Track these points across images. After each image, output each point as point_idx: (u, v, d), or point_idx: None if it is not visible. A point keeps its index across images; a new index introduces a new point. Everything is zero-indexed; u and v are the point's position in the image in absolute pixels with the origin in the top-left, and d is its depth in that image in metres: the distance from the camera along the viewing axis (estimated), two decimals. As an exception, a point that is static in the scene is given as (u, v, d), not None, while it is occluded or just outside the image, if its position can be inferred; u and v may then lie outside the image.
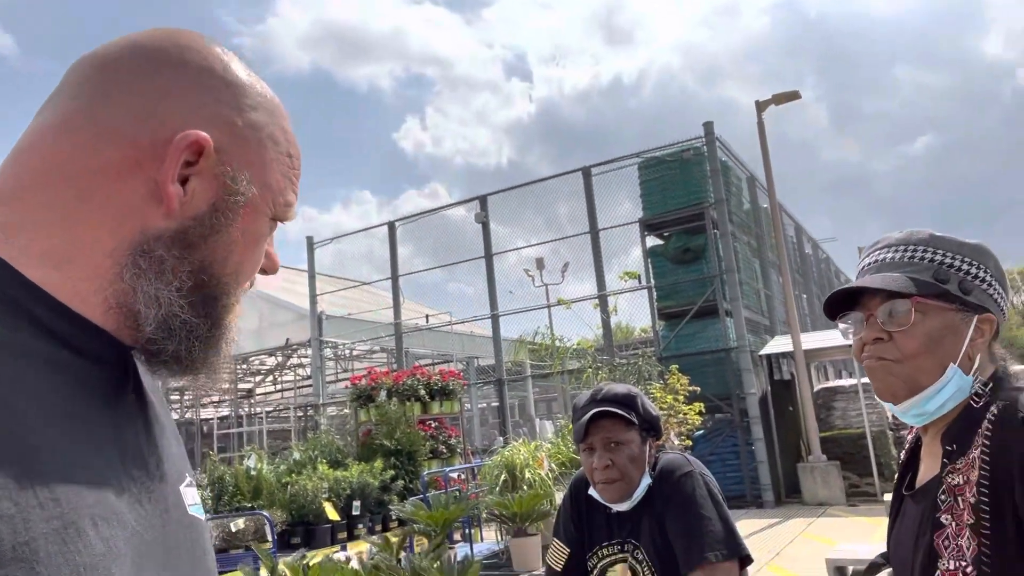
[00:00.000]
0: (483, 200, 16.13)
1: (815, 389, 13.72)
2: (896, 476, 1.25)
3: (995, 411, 1.02)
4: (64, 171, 0.59)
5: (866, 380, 10.02)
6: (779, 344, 13.62)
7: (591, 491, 1.81)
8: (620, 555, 1.77)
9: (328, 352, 19.42)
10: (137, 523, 0.57)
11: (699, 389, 9.81)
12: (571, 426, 7.98)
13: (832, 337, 15.04)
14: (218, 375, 0.67)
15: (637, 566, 1.73)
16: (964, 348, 1.07)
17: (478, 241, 16.44)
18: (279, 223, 0.70)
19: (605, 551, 1.80)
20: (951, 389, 1.07)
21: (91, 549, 0.50)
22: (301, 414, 21.85)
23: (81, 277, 0.59)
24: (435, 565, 5.50)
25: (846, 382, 14.76)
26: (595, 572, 1.81)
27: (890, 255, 1.15)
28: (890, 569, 1.22)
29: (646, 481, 1.74)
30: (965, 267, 1.10)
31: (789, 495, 12.47)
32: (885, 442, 12.92)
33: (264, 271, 0.71)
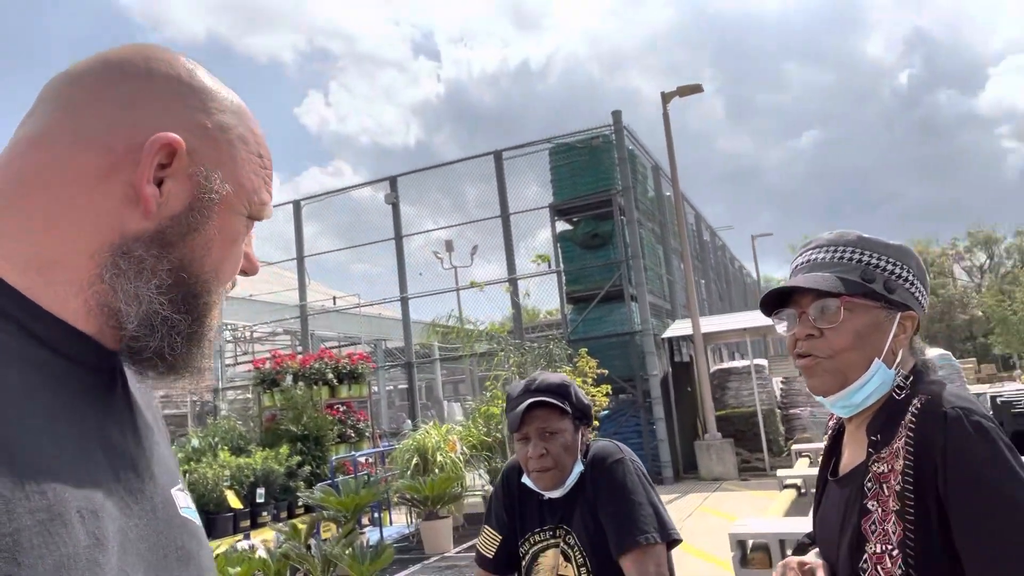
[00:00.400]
0: (393, 181, 15.89)
1: (711, 370, 14.41)
2: (820, 461, 1.33)
3: (918, 404, 1.09)
4: (42, 180, 0.62)
5: (758, 361, 10.63)
6: (680, 328, 14.20)
7: (524, 479, 1.85)
8: (552, 540, 1.82)
9: (227, 335, 18.67)
10: (124, 520, 0.58)
11: (607, 372, 10.10)
12: (481, 408, 8.04)
13: (727, 321, 15.84)
14: (202, 376, 0.69)
15: (569, 551, 1.78)
16: (888, 344, 1.14)
17: (385, 222, 16.20)
18: (255, 222, 0.72)
19: (537, 537, 1.84)
20: (876, 382, 1.14)
21: (76, 541, 0.51)
22: (197, 399, 20.94)
23: (63, 281, 0.61)
24: (347, 551, 5.45)
25: (739, 363, 15.58)
26: (527, 558, 1.86)
27: (821, 255, 1.21)
28: (816, 549, 1.31)
29: (578, 468, 1.79)
30: (890, 267, 1.17)
31: (687, 471, 13.09)
32: (774, 420, 13.76)
33: (244, 272, 0.73)
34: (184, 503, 0.69)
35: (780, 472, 6.72)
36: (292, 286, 17.49)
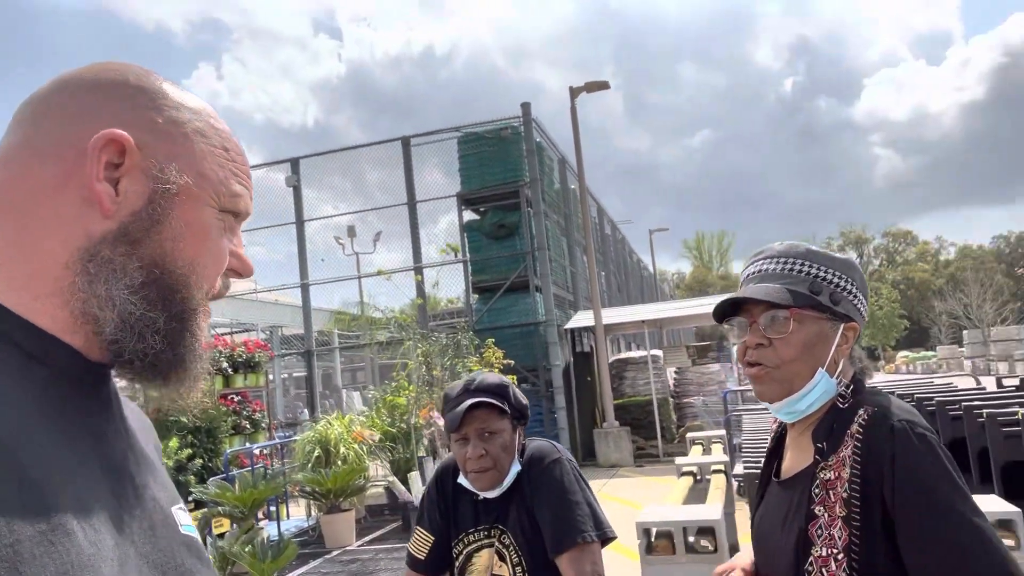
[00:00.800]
0: (295, 163, 15.33)
1: (610, 360, 14.84)
2: (763, 462, 1.38)
3: (865, 416, 1.14)
4: (8, 198, 0.64)
5: (656, 352, 10.99)
6: (582, 319, 14.53)
7: (460, 479, 1.83)
8: (487, 540, 1.81)
9: (108, 319, 17.48)
10: (123, 536, 0.59)
11: (512, 362, 10.20)
12: (386, 398, 7.90)
13: (627, 313, 16.35)
14: (194, 380, 0.68)
15: (504, 551, 1.78)
16: (832, 353, 1.20)
17: (282, 204, 15.61)
18: (237, 218, 0.72)
19: (471, 537, 1.83)
20: (819, 391, 1.19)
21: (80, 550, 0.53)
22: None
23: (47, 294, 0.62)
24: (247, 549, 5.25)
25: (636, 354, 16.14)
26: (460, 558, 1.84)
27: (771, 266, 1.26)
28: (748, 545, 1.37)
29: (515, 468, 1.79)
30: (835, 280, 1.22)
31: (585, 458, 13.44)
32: (668, 408, 14.35)
33: (237, 273, 0.73)
34: (185, 521, 0.69)
35: (678, 460, 7.00)
36: (182, 269, 16.56)
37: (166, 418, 10.06)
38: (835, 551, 1.09)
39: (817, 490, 1.14)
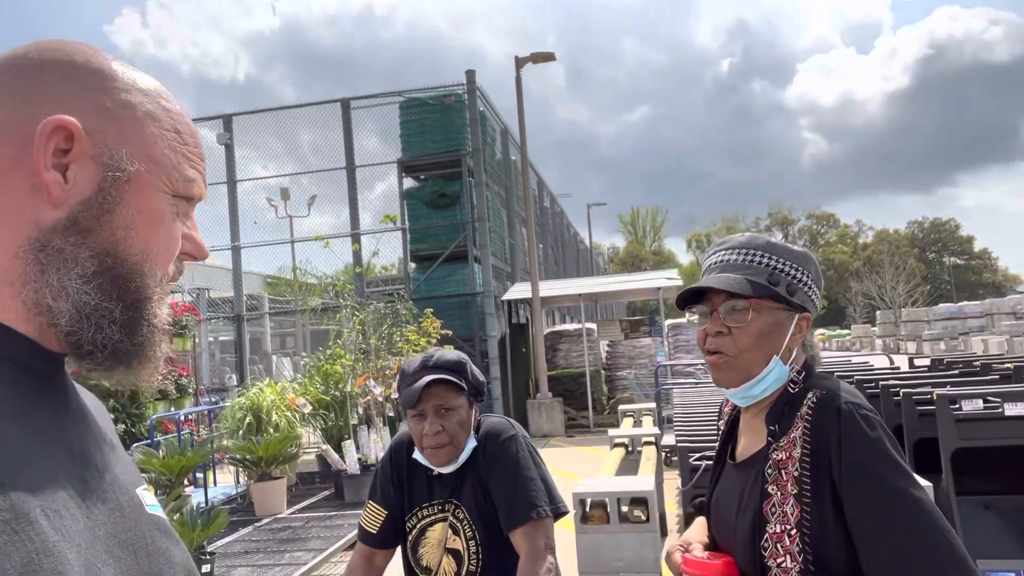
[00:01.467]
0: (228, 120, 14.71)
1: (545, 332, 15.02)
2: (718, 445, 1.44)
3: (814, 399, 1.20)
4: None
5: (590, 325, 11.18)
6: (519, 291, 14.61)
7: (415, 454, 1.83)
8: (441, 515, 1.82)
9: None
10: (90, 519, 0.59)
11: (450, 332, 10.18)
12: (322, 367, 7.76)
13: (564, 286, 16.53)
14: (154, 365, 0.68)
15: (458, 525, 1.80)
16: (786, 342, 1.26)
17: (210, 162, 14.96)
18: (190, 202, 0.71)
19: (426, 511, 1.84)
20: (773, 377, 1.25)
21: (44, 537, 0.52)
22: None
23: None
24: (176, 516, 5.12)
25: (571, 326, 16.37)
26: (414, 532, 1.85)
27: (732, 256, 1.31)
28: (702, 519, 1.42)
29: (471, 444, 1.80)
30: (792, 271, 1.27)
31: (518, 429, 13.63)
32: (599, 380, 14.66)
33: (192, 256, 0.72)
34: (150, 501, 0.69)
35: (611, 432, 7.19)
36: (103, 226, 15.78)
37: (86, 381, 9.68)
38: (788, 527, 1.15)
39: (770, 470, 1.20)
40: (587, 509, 4.34)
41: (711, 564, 1.25)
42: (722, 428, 1.44)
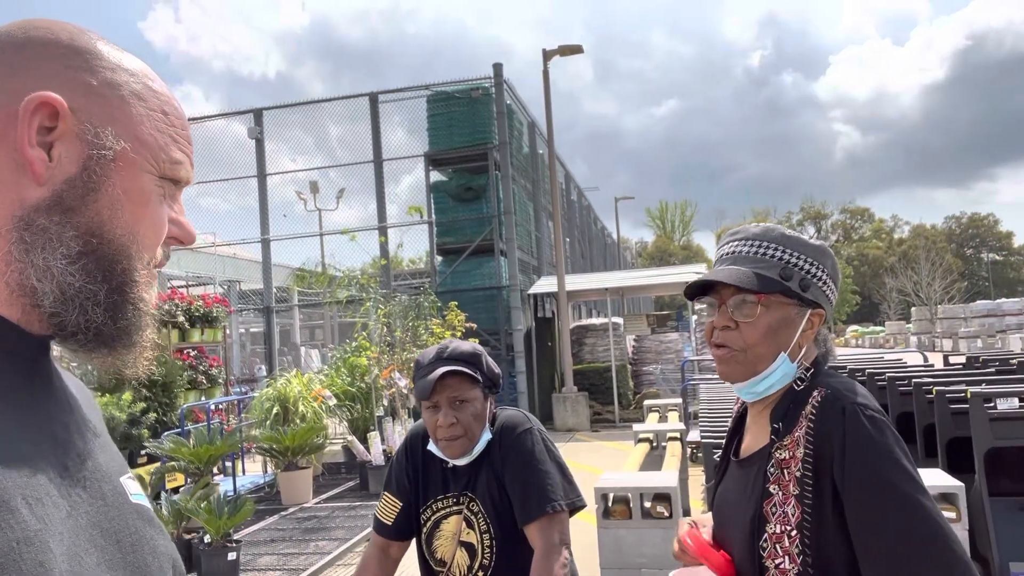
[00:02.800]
0: (259, 114, 14.87)
1: (571, 326, 14.97)
2: (724, 441, 1.41)
3: (819, 398, 1.16)
4: None
5: (616, 319, 11.11)
6: (545, 284, 14.58)
7: (430, 446, 1.82)
8: (455, 508, 1.81)
9: (58, 267, 16.93)
10: (72, 507, 0.58)
11: (475, 325, 10.20)
12: (347, 359, 7.83)
13: (590, 280, 16.44)
14: (141, 349, 0.67)
15: (472, 518, 1.78)
16: (796, 338, 1.21)
17: (238, 155, 15.18)
18: (177, 185, 0.70)
19: (440, 504, 1.83)
20: (778, 374, 1.21)
21: (25, 526, 0.51)
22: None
23: None
24: (203, 505, 5.20)
25: (597, 321, 16.29)
26: (428, 524, 1.84)
27: (745, 248, 1.26)
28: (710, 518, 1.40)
29: (486, 436, 1.78)
30: (806, 266, 1.22)
31: (543, 423, 13.52)
32: (625, 375, 14.58)
33: (179, 241, 0.71)
34: (135, 490, 0.69)
35: (635, 427, 7.14)
36: (137, 219, 16.05)
37: (120, 371, 9.86)
38: (788, 528, 1.12)
39: (772, 469, 1.17)
40: (609, 504, 4.31)
41: (713, 551, 1.23)
42: (730, 424, 1.41)
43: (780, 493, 1.14)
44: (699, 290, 1.28)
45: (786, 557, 1.12)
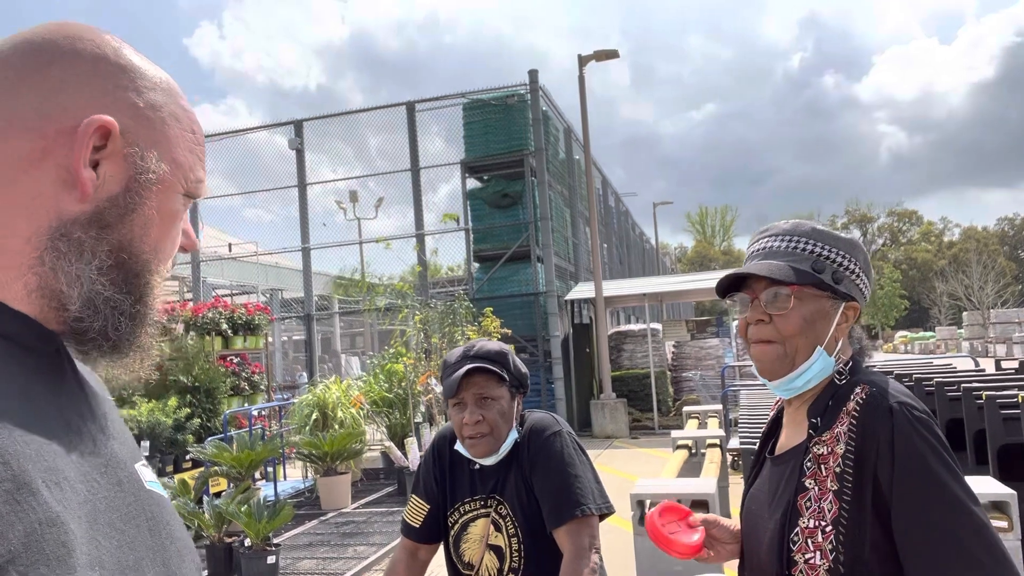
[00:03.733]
0: (299, 125, 15.15)
1: (609, 332, 14.86)
2: (760, 439, 1.38)
3: (863, 395, 1.14)
4: None
5: (654, 325, 11.01)
6: (582, 290, 14.51)
7: (457, 446, 1.81)
8: (483, 510, 1.80)
9: (109, 277, 17.45)
10: (90, 492, 0.59)
11: (510, 332, 10.19)
12: (385, 366, 7.90)
13: (628, 286, 16.32)
14: (147, 355, 0.69)
15: (500, 521, 1.77)
16: (831, 332, 1.20)
17: (281, 166, 15.48)
18: (192, 200, 0.73)
19: (468, 506, 1.82)
20: (817, 368, 1.19)
21: (47, 508, 0.52)
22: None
23: (3, 266, 0.62)
24: (243, 508, 5.28)
25: (636, 327, 16.15)
26: (456, 527, 1.83)
27: (776, 243, 1.25)
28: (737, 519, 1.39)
29: (513, 437, 1.77)
30: (839, 259, 1.21)
31: (581, 429, 13.52)
32: (665, 382, 14.41)
33: (184, 249, 0.74)
34: (150, 477, 0.70)
35: (674, 433, 7.04)
36: (182, 229, 16.47)
37: (165, 377, 10.12)
38: (823, 523, 1.10)
39: (809, 464, 1.16)
40: (645, 511, 4.25)
41: (662, 535, 1.29)
42: (766, 425, 1.38)
43: (816, 488, 1.13)
44: (731, 286, 1.26)
45: (817, 552, 1.10)
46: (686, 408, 9.07)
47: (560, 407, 12.94)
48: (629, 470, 9.07)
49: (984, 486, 3.36)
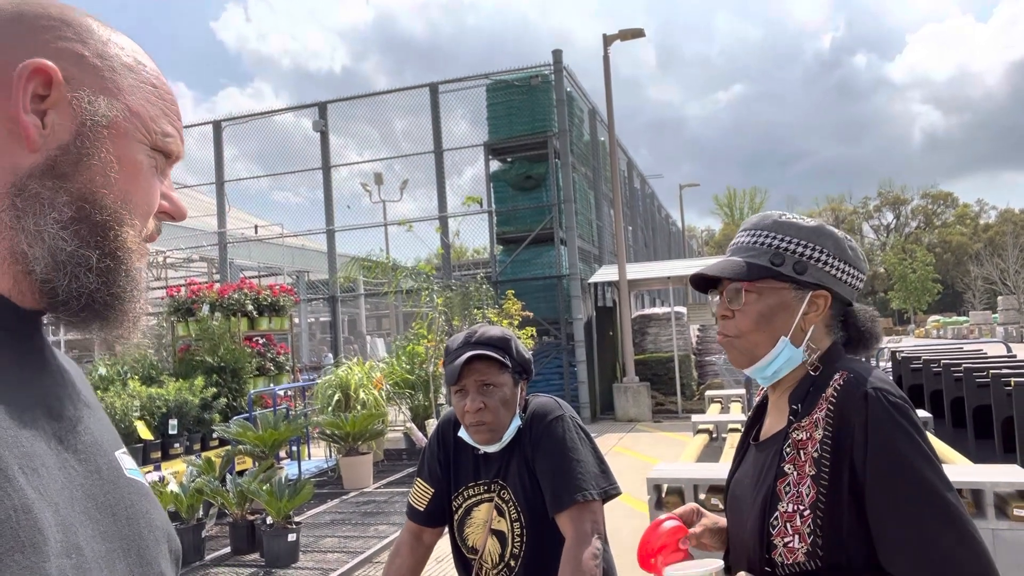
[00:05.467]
0: (323, 107, 15.18)
1: (633, 316, 14.76)
2: (744, 426, 1.41)
3: (840, 381, 1.16)
4: None
5: (678, 308, 10.96)
6: (606, 273, 14.41)
7: (460, 432, 1.80)
8: (486, 495, 1.79)
9: (139, 259, 17.74)
10: (67, 479, 0.59)
11: (532, 314, 10.17)
12: (407, 347, 7.95)
13: (651, 269, 16.17)
14: (133, 321, 0.67)
15: (503, 506, 1.76)
16: (796, 322, 1.22)
17: (308, 149, 15.55)
18: (168, 159, 0.71)
19: (471, 491, 1.81)
20: (782, 359, 1.23)
21: (22, 494, 0.52)
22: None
23: None
24: (265, 487, 5.36)
25: (660, 310, 16.02)
26: (459, 512, 1.83)
27: (744, 239, 1.29)
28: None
29: (516, 423, 1.76)
30: (800, 249, 1.23)
31: (604, 412, 13.51)
32: (689, 365, 14.30)
33: (170, 216, 0.72)
34: (129, 465, 0.69)
35: (694, 417, 6.98)
36: (209, 211, 16.70)
37: (192, 358, 10.29)
38: (801, 508, 1.12)
39: (789, 449, 1.18)
40: (663, 495, 4.23)
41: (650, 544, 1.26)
42: (751, 412, 1.41)
43: (795, 473, 1.15)
44: (710, 284, 1.32)
45: (796, 536, 1.12)
46: (708, 392, 8.99)
47: (583, 390, 12.92)
48: (651, 453, 9.05)
49: (1011, 475, 3.28)
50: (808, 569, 1.10)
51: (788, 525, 1.13)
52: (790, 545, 1.12)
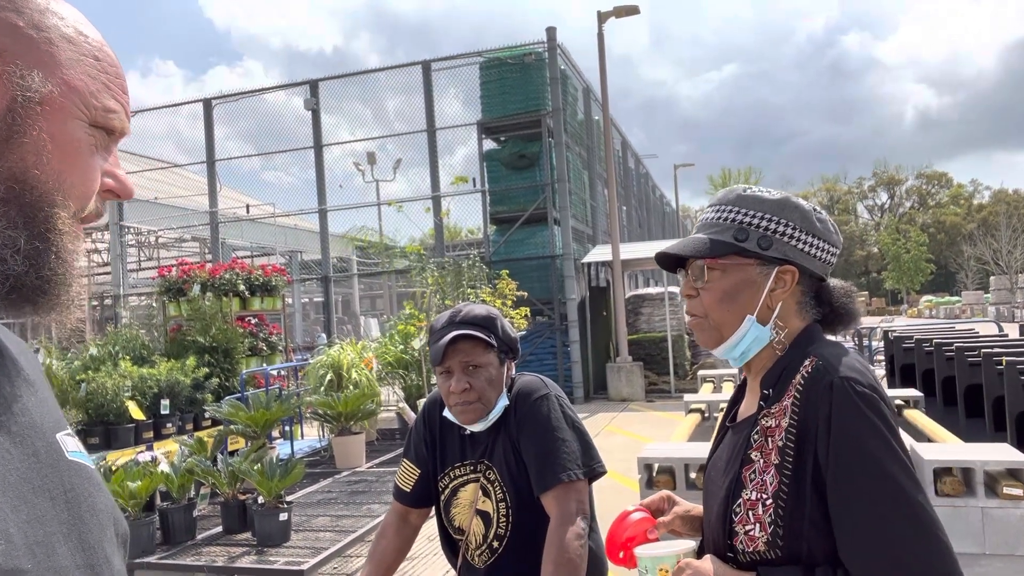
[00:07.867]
0: (314, 85, 15.00)
1: (626, 296, 14.76)
2: (727, 406, 1.37)
3: (809, 368, 1.11)
4: None
5: (672, 288, 10.93)
6: (600, 253, 14.38)
7: (445, 412, 1.77)
8: (472, 475, 1.77)
9: (130, 238, 17.64)
10: (1, 463, 0.57)
11: (526, 294, 10.14)
12: (399, 326, 7.92)
13: (646, 249, 16.12)
14: (64, 305, 0.65)
15: (489, 486, 1.74)
16: (763, 300, 1.17)
17: (299, 128, 15.39)
18: (111, 136, 0.68)
19: (457, 471, 1.79)
20: (750, 338, 1.18)
21: None
22: (97, 303, 19.89)
23: None
24: (256, 467, 5.35)
25: (653, 290, 16.02)
26: (446, 492, 1.80)
27: (710, 215, 1.25)
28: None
29: (502, 403, 1.73)
30: (764, 223, 1.18)
31: (597, 392, 13.54)
32: (682, 345, 14.32)
33: (116, 195, 0.69)
34: (73, 447, 0.67)
35: (687, 397, 6.99)
36: (201, 191, 16.56)
37: (184, 338, 10.25)
38: (764, 496, 1.10)
39: (756, 436, 1.15)
40: (653, 474, 4.23)
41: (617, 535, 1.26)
42: (732, 393, 1.38)
43: (761, 460, 1.13)
44: (678, 263, 1.27)
45: (757, 524, 1.10)
46: (701, 372, 9.00)
47: (576, 369, 12.94)
48: (642, 433, 9.08)
49: (1001, 454, 3.28)
50: (768, 558, 1.08)
51: (750, 513, 1.11)
52: (751, 533, 1.10)
